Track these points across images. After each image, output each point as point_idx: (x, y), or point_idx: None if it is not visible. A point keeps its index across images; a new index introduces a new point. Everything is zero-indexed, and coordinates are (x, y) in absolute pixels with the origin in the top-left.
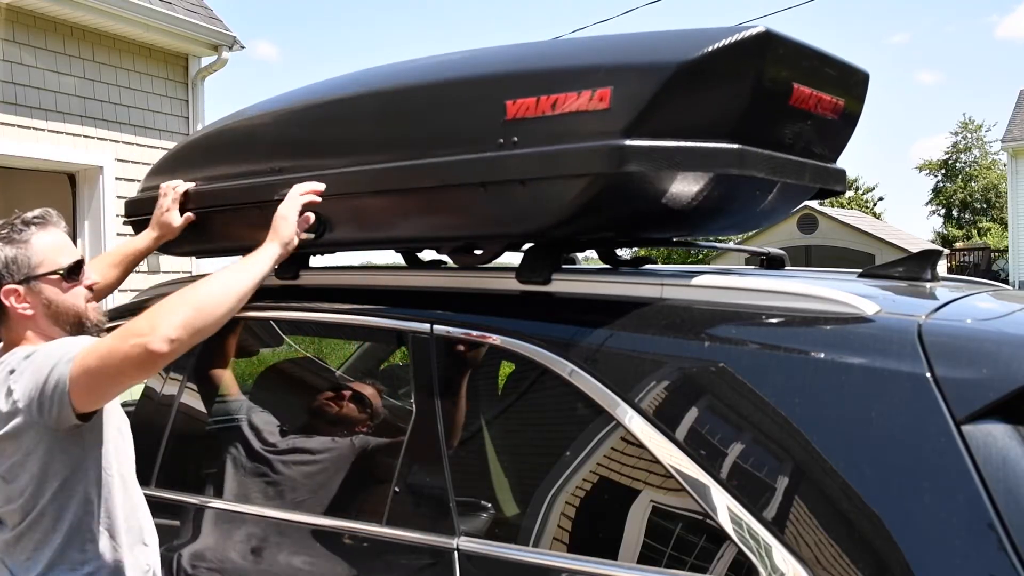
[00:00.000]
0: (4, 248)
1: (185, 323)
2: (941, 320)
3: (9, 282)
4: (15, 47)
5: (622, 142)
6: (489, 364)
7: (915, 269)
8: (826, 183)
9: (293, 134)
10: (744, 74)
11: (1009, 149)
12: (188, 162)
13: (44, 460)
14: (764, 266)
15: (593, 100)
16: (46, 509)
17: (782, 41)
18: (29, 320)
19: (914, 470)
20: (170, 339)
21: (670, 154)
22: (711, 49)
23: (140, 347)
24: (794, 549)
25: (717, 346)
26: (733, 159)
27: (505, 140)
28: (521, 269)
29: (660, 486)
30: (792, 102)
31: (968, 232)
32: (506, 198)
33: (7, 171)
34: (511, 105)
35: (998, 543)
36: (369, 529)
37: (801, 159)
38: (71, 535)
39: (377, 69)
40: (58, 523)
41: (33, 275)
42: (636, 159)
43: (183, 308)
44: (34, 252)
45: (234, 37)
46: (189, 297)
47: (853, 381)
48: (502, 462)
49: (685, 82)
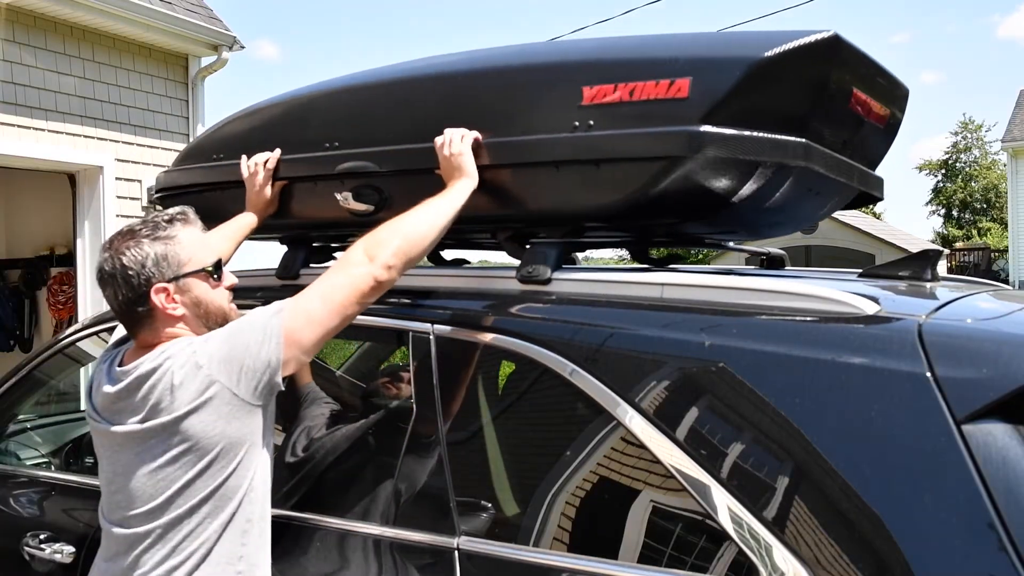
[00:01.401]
0: (152, 245)
1: (398, 251)
2: (941, 320)
3: (159, 280)
4: (15, 47)
5: (700, 128)
6: (489, 364)
7: (915, 269)
8: (868, 188)
9: (375, 112)
10: (813, 74)
11: (1009, 149)
12: (247, 137)
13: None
14: (764, 266)
15: (672, 89)
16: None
17: (848, 47)
18: (177, 320)
19: (914, 470)
20: (389, 266)
21: (743, 141)
22: (786, 48)
23: (365, 276)
24: (794, 549)
25: (717, 346)
26: (800, 151)
27: (581, 123)
28: (521, 269)
29: (660, 486)
30: (851, 105)
31: (968, 232)
32: (579, 179)
33: (7, 171)
34: (588, 91)
35: (998, 543)
36: (369, 529)
37: (851, 161)
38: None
39: (451, 55)
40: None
41: (183, 273)
42: (713, 144)
43: (395, 238)
44: (183, 249)
45: (234, 37)
46: (398, 228)
47: (853, 381)
48: (503, 462)
49: (760, 77)
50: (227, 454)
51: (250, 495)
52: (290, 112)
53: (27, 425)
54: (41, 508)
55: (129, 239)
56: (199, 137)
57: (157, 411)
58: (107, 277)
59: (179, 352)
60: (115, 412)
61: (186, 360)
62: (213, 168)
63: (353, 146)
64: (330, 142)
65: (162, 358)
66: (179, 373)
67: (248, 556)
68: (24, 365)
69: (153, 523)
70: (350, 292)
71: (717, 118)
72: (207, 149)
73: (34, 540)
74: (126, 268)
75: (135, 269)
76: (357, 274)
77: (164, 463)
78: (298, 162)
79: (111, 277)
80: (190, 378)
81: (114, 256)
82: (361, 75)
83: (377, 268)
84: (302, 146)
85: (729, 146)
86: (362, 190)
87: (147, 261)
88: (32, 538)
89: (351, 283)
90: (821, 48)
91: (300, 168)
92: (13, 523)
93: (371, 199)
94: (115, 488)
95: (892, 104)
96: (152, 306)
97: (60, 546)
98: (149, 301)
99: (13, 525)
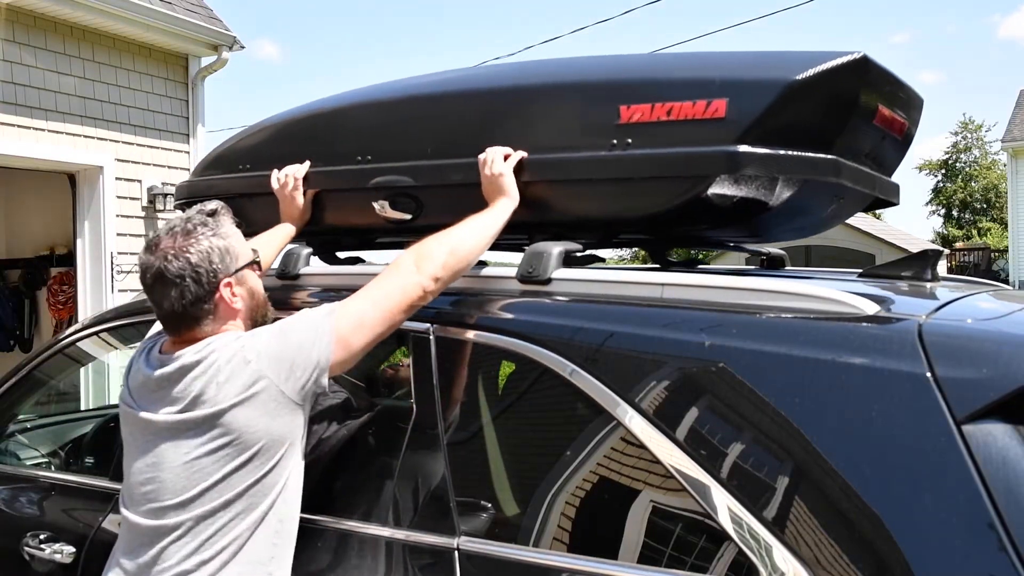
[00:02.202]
0: (214, 240)
1: (445, 264)
2: (941, 320)
3: (225, 274)
4: (15, 47)
5: (737, 148)
6: (489, 364)
7: (915, 269)
8: (887, 195)
9: (413, 126)
10: (843, 93)
11: (1009, 149)
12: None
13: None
14: (764, 266)
15: (708, 110)
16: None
17: (875, 66)
18: (236, 313)
19: (914, 470)
20: (436, 278)
21: (778, 160)
22: (818, 70)
23: (415, 285)
24: (794, 549)
25: (717, 346)
26: (831, 168)
27: (619, 141)
28: (521, 269)
29: (660, 486)
30: (876, 121)
31: (968, 232)
32: (617, 192)
33: (7, 171)
34: (625, 110)
35: (998, 543)
36: (369, 529)
37: (873, 172)
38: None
39: (487, 68)
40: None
41: (241, 265)
42: (750, 164)
43: (441, 251)
44: (236, 241)
45: (234, 37)
46: (445, 241)
47: (853, 381)
48: (503, 462)
49: (794, 98)
50: (267, 451)
51: (284, 494)
52: (321, 123)
53: (27, 425)
54: (41, 508)
55: (190, 238)
56: (223, 145)
57: (199, 402)
58: (172, 278)
59: (225, 346)
60: (153, 400)
61: (233, 354)
62: (240, 179)
63: (388, 159)
64: (363, 155)
65: (207, 350)
66: (226, 368)
67: (279, 557)
68: (24, 365)
69: (184, 515)
70: (400, 299)
71: (752, 137)
72: (232, 158)
73: (34, 540)
74: (196, 266)
75: (204, 267)
76: (409, 283)
77: (202, 455)
78: (332, 174)
79: (178, 278)
80: (238, 372)
81: (179, 256)
82: (395, 86)
83: (425, 279)
84: (334, 159)
85: (765, 165)
86: (398, 199)
87: (214, 257)
88: (32, 538)
89: (402, 291)
90: (851, 69)
91: (335, 181)
92: (13, 523)
93: (408, 208)
94: (144, 478)
95: (909, 116)
96: (218, 301)
97: (60, 546)
98: (216, 296)
99: (13, 525)
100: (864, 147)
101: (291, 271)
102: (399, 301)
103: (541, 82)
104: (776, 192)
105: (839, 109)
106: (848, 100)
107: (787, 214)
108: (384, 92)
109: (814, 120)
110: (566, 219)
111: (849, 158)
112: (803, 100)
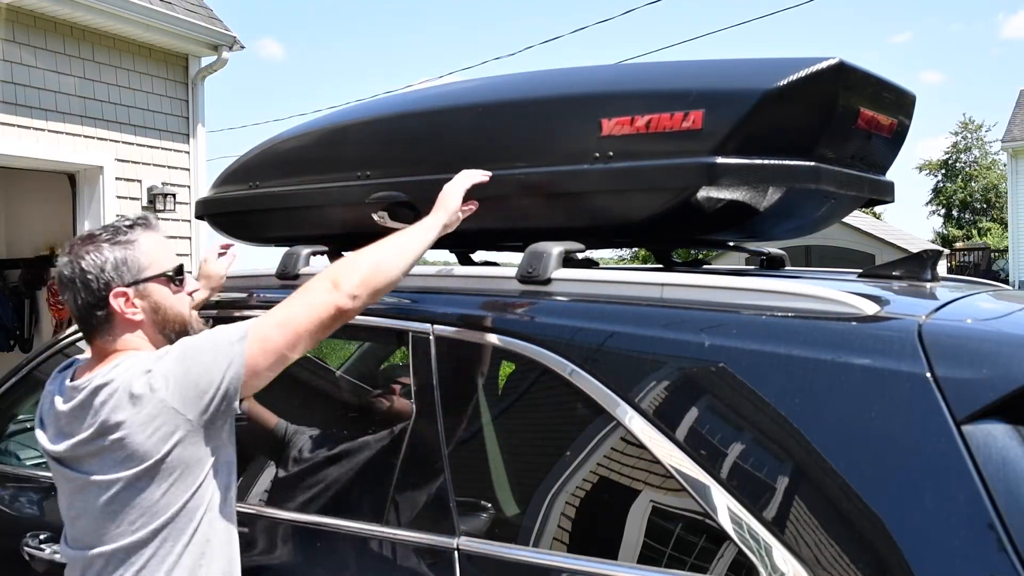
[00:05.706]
0: (112, 250)
1: (364, 281)
2: (941, 320)
3: (119, 284)
4: (15, 47)
5: (715, 160)
6: (489, 364)
7: (915, 269)
8: (879, 194)
9: (414, 140)
10: (821, 100)
11: (1009, 149)
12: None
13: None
14: (764, 266)
15: (686, 121)
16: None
17: (852, 70)
18: (136, 326)
19: (914, 470)
20: (354, 295)
21: (756, 170)
22: (793, 78)
23: (328, 305)
24: (794, 549)
25: (717, 346)
26: (810, 175)
27: (600, 154)
28: (521, 269)
29: (660, 486)
30: (858, 124)
31: (968, 232)
32: (601, 202)
33: (7, 171)
34: (606, 123)
35: (998, 543)
36: (369, 529)
37: (861, 173)
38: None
39: (476, 81)
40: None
41: (142, 277)
42: (727, 174)
43: (361, 268)
44: (143, 253)
45: (234, 37)
46: (367, 258)
47: (853, 381)
48: (502, 462)
49: (770, 107)
50: (186, 477)
51: (209, 516)
52: (323, 140)
53: (27, 425)
54: (41, 508)
55: (89, 243)
56: (241, 159)
57: (109, 431)
58: (66, 281)
59: (131, 369)
60: (69, 433)
61: (140, 382)
62: (257, 195)
63: (384, 176)
64: (362, 171)
65: (113, 373)
66: (131, 399)
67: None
68: (24, 365)
69: (112, 546)
70: (307, 321)
71: (730, 148)
72: (245, 175)
73: (34, 540)
74: (85, 272)
75: (94, 273)
76: (318, 302)
77: (121, 488)
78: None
79: (70, 281)
80: (143, 401)
81: (74, 260)
82: (390, 103)
83: (342, 296)
84: (336, 174)
85: (742, 175)
86: (397, 209)
87: (106, 265)
88: (32, 538)
89: (309, 312)
90: (827, 74)
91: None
92: (13, 523)
93: (407, 218)
94: (74, 513)
95: (899, 114)
96: (111, 311)
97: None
98: (108, 305)
99: (13, 525)
100: (849, 150)
101: (291, 271)
102: (305, 323)
103: (527, 96)
104: (765, 196)
105: (817, 115)
106: (826, 105)
107: (778, 216)
108: (380, 108)
109: (792, 127)
110: (557, 227)
111: (833, 162)
112: (779, 108)
